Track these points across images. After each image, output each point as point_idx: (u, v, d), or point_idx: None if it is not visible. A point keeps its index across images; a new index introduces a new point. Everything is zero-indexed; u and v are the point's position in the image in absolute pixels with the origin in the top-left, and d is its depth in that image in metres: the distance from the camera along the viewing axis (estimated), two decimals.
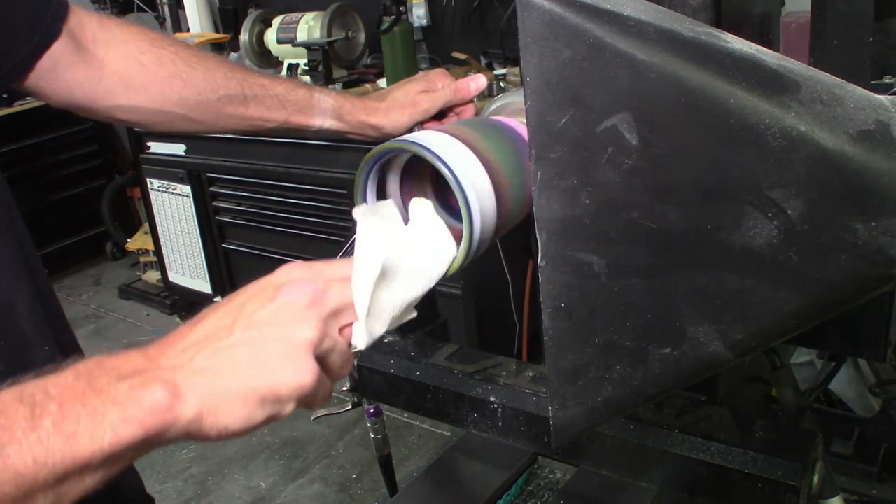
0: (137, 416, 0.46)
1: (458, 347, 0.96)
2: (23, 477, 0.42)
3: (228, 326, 0.51)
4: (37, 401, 0.44)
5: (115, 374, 0.47)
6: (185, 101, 0.88)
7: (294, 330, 0.51)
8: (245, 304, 0.53)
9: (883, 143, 0.44)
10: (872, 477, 1.39)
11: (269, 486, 2.40)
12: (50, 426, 0.43)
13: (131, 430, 0.45)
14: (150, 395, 0.46)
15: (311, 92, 0.93)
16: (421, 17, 2.80)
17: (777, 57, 0.47)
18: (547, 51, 0.46)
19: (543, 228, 0.50)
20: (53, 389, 0.45)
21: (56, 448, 0.43)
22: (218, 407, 0.49)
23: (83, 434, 0.44)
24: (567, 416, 0.54)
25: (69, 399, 0.44)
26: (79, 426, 0.44)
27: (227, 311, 0.53)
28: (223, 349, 0.50)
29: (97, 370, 0.47)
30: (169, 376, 0.48)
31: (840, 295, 0.46)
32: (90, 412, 0.44)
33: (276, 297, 0.52)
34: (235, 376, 0.49)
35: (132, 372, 0.48)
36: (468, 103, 0.91)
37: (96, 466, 0.45)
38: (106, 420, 0.45)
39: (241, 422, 0.50)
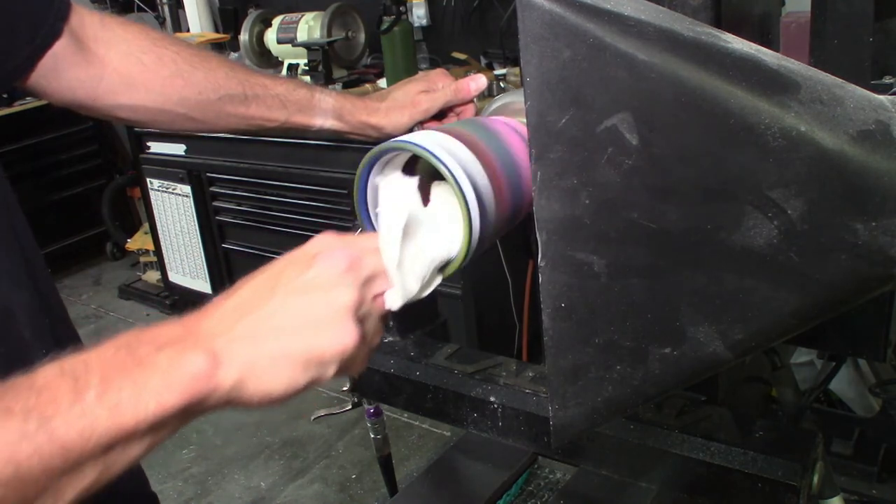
0: (179, 383, 0.46)
1: (458, 347, 0.96)
2: (69, 450, 0.43)
3: (269, 291, 0.52)
4: (78, 374, 0.44)
5: (154, 344, 0.47)
6: (186, 101, 0.88)
7: (335, 294, 0.52)
8: (282, 271, 0.53)
9: (883, 143, 0.44)
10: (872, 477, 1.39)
11: (269, 486, 2.40)
12: (93, 398, 0.44)
13: (174, 398, 0.46)
14: (191, 363, 0.47)
15: (311, 92, 0.93)
16: (421, 17, 2.80)
17: (777, 57, 0.47)
18: (547, 51, 0.46)
19: (543, 228, 0.50)
20: (94, 362, 0.45)
21: (101, 419, 0.44)
22: (261, 372, 0.49)
23: (126, 404, 0.44)
24: (567, 416, 0.54)
25: (110, 370, 0.45)
26: (122, 396, 0.44)
27: (265, 279, 0.53)
28: (265, 315, 0.51)
29: (136, 341, 0.47)
30: (208, 344, 0.48)
31: (840, 295, 0.46)
32: (132, 382, 0.45)
33: (314, 264, 0.53)
34: (279, 340, 0.50)
35: (171, 341, 0.48)
36: (468, 103, 0.91)
37: (141, 435, 0.46)
38: (148, 389, 0.45)
39: (285, 386, 0.50)
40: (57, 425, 0.42)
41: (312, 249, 0.55)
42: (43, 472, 0.42)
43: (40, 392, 0.43)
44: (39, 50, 0.79)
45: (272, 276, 0.53)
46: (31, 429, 0.42)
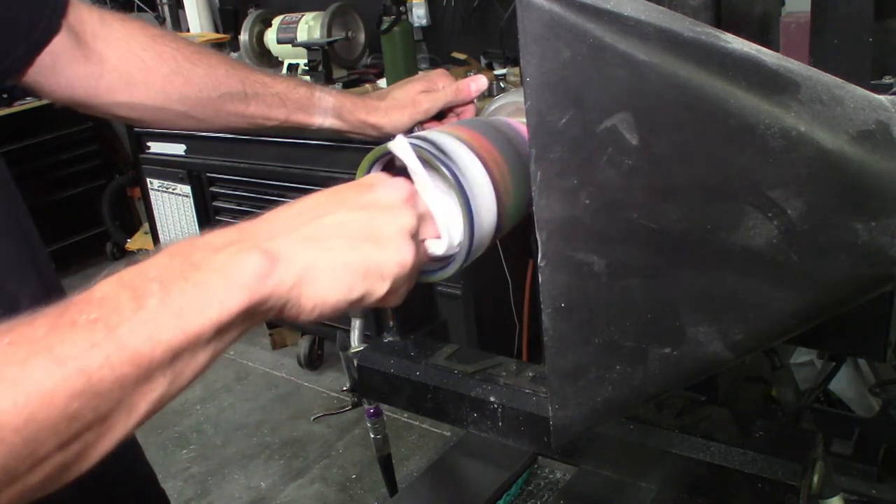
0: (240, 283, 0.45)
1: (458, 347, 0.96)
2: (140, 356, 0.42)
3: (333, 205, 0.53)
4: (137, 283, 0.43)
5: (210, 248, 0.47)
6: (185, 99, 0.87)
7: (398, 214, 0.54)
8: (344, 192, 0.54)
9: (883, 143, 0.44)
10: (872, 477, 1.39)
11: (269, 486, 2.40)
12: (156, 304, 0.43)
13: (238, 298, 0.45)
14: (250, 262, 0.46)
15: (311, 90, 0.93)
16: (421, 17, 2.80)
17: (777, 57, 0.47)
18: (547, 51, 0.46)
19: (543, 228, 0.50)
20: (151, 271, 0.44)
21: (167, 324, 0.43)
22: (320, 275, 0.49)
23: (191, 308, 0.44)
24: (567, 416, 0.54)
25: (169, 277, 0.44)
26: (185, 300, 0.43)
27: (326, 196, 0.54)
28: (328, 224, 0.51)
29: (190, 248, 0.47)
30: (267, 244, 0.48)
31: (840, 295, 0.46)
32: (193, 285, 0.44)
33: (374, 190, 0.55)
34: (341, 247, 0.50)
35: (227, 243, 0.47)
36: (468, 104, 0.91)
37: (207, 339, 0.45)
38: (211, 291, 0.44)
39: (341, 293, 0.50)
40: (123, 332, 0.41)
41: (369, 180, 0.57)
42: (115, 382, 0.41)
43: (101, 303, 0.42)
44: (37, 46, 0.78)
45: (334, 193, 0.54)
46: (98, 338, 0.41)
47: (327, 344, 3.02)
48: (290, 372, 3.02)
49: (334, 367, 2.97)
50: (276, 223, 0.51)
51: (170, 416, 2.81)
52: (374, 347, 0.99)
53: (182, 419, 2.80)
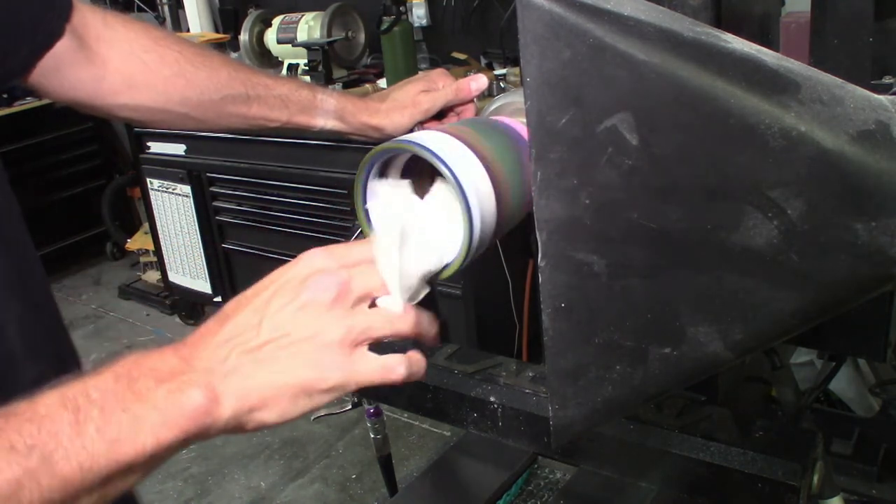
0: (178, 420, 0.47)
1: (458, 347, 0.96)
2: (69, 482, 0.44)
3: (256, 326, 0.52)
4: (80, 405, 0.45)
5: (153, 377, 0.48)
6: (187, 101, 0.88)
7: (320, 331, 0.52)
8: (270, 301, 0.53)
9: (883, 143, 0.44)
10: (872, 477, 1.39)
11: (269, 486, 2.40)
12: (94, 432, 0.45)
13: (172, 434, 0.47)
14: (189, 400, 0.48)
15: (313, 92, 0.93)
16: (421, 17, 2.80)
17: (777, 57, 0.47)
18: (547, 51, 0.46)
19: (543, 228, 0.50)
20: (94, 393, 0.46)
21: (100, 453, 0.45)
22: (255, 404, 0.51)
23: (126, 440, 0.46)
24: (567, 416, 0.54)
25: (110, 404, 0.46)
26: (121, 432, 0.45)
27: (253, 310, 0.53)
28: (254, 350, 0.51)
29: (135, 371, 0.48)
30: (205, 379, 0.49)
31: (840, 295, 0.46)
32: (131, 418, 0.46)
33: (301, 292, 0.53)
34: (268, 376, 0.51)
35: (169, 374, 0.49)
36: (468, 103, 0.91)
37: (138, 468, 0.47)
38: (147, 425, 0.46)
39: (277, 417, 0.52)
40: (58, 460, 0.43)
41: (301, 273, 0.54)
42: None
43: (42, 424, 0.44)
44: (40, 49, 0.78)
45: (260, 305, 0.53)
46: (33, 466, 0.43)
47: None
48: None
49: None
50: (210, 351, 0.51)
51: None
52: (374, 347, 0.99)
53: None
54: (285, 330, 0.52)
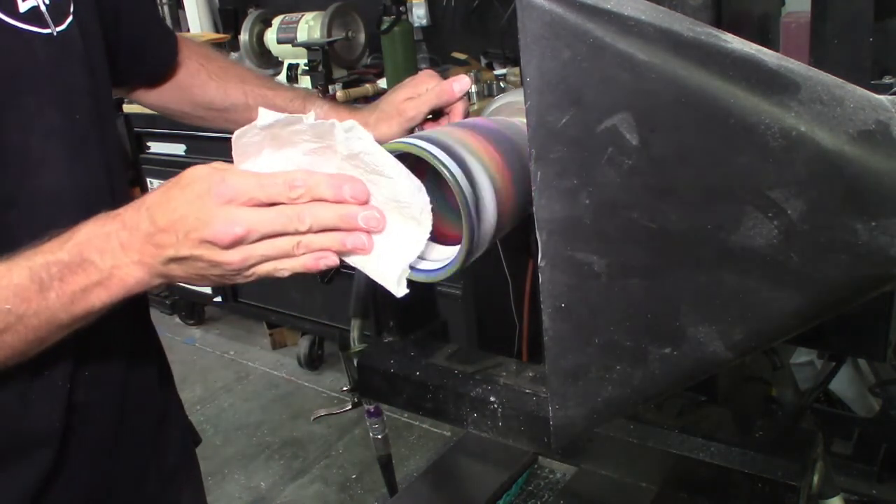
0: (117, 290, 0.63)
1: (458, 347, 0.96)
2: (37, 329, 0.63)
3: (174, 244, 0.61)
4: (43, 279, 0.61)
5: (98, 258, 0.62)
6: (198, 107, 1.04)
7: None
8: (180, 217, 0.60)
9: (883, 143, 0.44)
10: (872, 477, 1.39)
11: (269, 486, 2.40)
12: (54, 298, 0.62)
13: (112, 295, 0.64)
14: (127, 282, 0.63)
15: (305, 104, 0.98)
16: (421, 17, 2.80)
17: (777, 57, 0.47)
18: (547, 51, 0.46)
19: (543, 228, 0.50)
20: (54, 268, 0.62)
21: (60, 309, 0.63)
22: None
23: (79, 302, 0.63)
24: (567, 416, 0.54)
25: (65, 278, 0.62)
26: (75, 296, 0.62)
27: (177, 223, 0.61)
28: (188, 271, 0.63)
29: (85, 249, 0.62)
30: (140, 272, 0.63)
31: (840, 295, 0.46)
32: (83, 288, 0.62)
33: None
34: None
35: (109, 258, 0.62)
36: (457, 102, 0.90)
37: (90, 316, 0.65)
38: (94, 294, 0.63)
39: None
40: (29, 316, 0.62)
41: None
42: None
43: (16, 293, 0.61)
44: (154, 79, 1.01)
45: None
46: (10, 321, 0.62)
47: (327, 344, 3.02)
48: (290, 372, 3.02)
49: (334, 367, 2.97)
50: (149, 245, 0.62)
51: None
52: (374, 347, 0.99)
53: None
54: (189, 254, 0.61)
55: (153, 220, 0.61)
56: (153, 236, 0.61)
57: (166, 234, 0.60)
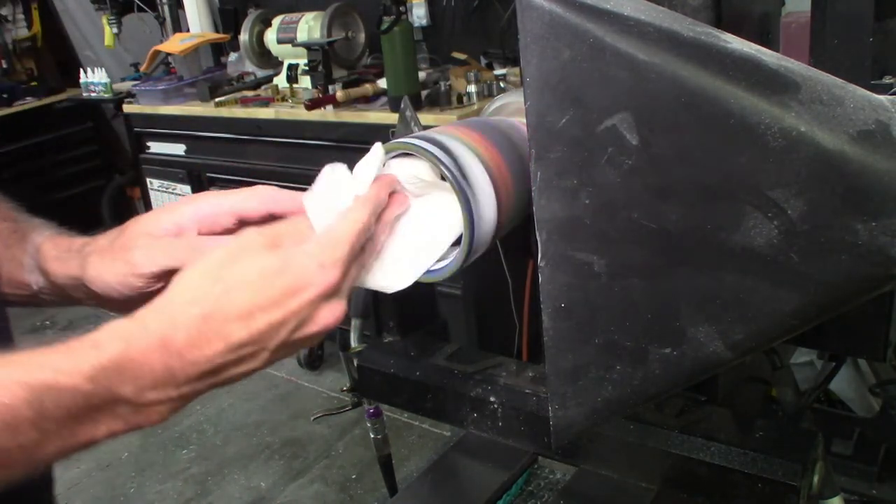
0: (136, 426, 0.50)
1: (458, 347, 0.96)
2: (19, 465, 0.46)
3: (252, 358, 0.52)
4: (45, 408, 0.45)
5: (132, 390, 0.48)
6: None
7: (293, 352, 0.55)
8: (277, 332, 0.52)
9: (883, 143, 0.44)
10: (872, 477, 1.39)
11: (269, 486, 2.40)
12: (54, 428, 0.46)
13: (126, 431, 0.50)
14: (155, 419, 0.50)
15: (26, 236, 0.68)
16: (421, 17, 2.80)
17: (777, 57, 0.47)
18: (547, 51, 0.46)
19: (543, 228, 0.50)
20: (67, 397, 0.46)
21: (53, 445, 0.47)
22: None
23: (82, 433, 0.48)
24: (567, 416, 0.54)
25: (78, 412, 0.47)
26: (79, 431, 0.48)
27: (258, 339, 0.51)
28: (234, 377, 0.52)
29: (116, 381, 0.48)
30: (180, 399, 0.51)
31: (840, 295, 0.46)
32: (94, 423, 0.48)
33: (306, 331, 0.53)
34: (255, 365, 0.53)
35: (151, 386, 0.49)
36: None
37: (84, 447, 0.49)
38: (106, 427, 0.49)
39: None
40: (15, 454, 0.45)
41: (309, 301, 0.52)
42: None
43: (3, 417, 0.44)
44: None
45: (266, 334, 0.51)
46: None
47: (327, 344, 3.01)
48: (290, 372, 3.01)
49: (334, 367, 2.96)
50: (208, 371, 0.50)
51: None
52: (374, 347, 0.99)
53: (182, 419, 2.80)
54: (283, 355, 0.53)
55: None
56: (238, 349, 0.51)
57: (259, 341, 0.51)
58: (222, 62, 3.34)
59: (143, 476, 2.53)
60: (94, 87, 3.60)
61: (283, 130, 2.58)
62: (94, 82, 3.59)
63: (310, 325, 0.52)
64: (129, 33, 3.48)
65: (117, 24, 3.33)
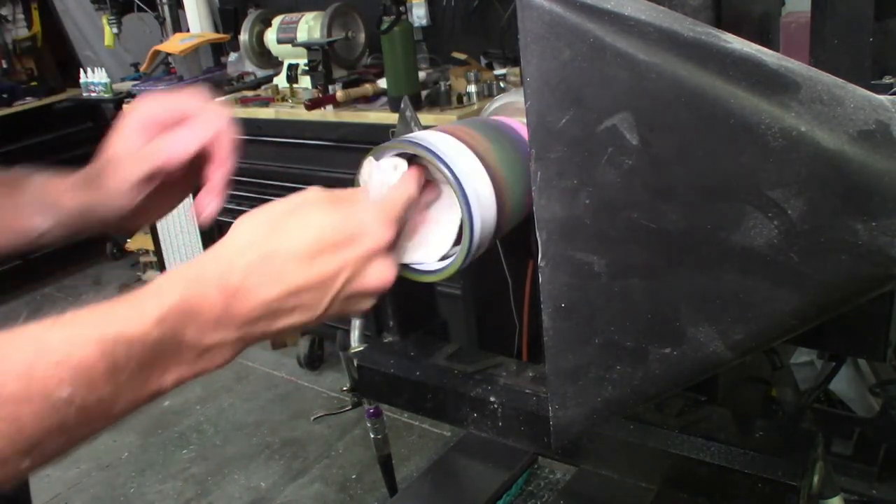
0: (202, 371, 0.51)
1: (458, 347, 0.96)
2: (96, 420, 0.47)
3: (314, 307, 0.53)
4: (117, 358, 0.46)
5: (196, 332, 0.49)
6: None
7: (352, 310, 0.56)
8: (335, 281, 0.53)
9: (883, 143, 0.44)
10: (872, 477, 1.39)
11: (269, 486, 2.40)
12: (126, 379, 0.47)
13: (190, 376, 0.51)
14: (219, 363, 0.52)
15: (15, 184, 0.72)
16: (421, 17, 2.80)
17: (777, 57, 0.47)
18: (547, 51, 0.46)
19: (543, 228, 0.50)
20: (136, 346, 0.47)
21: (126, 397, 0.47)
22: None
23: (153, 381, 0.49)
24: (567, 416, 0.54)
25: (148, 359, 0.48)
26: (151, 378, 0.48)
27: (321, 288, 0.53)
28: (295, 325, 0.54)
29: (180, 322, 0.49)
30: (242, 340, 0.52)
31: (840, 295, 0.46)
32: (163, 369, 0.49)
33: (365, 282, 0.54)
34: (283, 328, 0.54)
35: (213, 327, 0.50)
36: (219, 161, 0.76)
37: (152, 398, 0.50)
38: (175, 373, 0.50)
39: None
40: (90, 406, 0.45)
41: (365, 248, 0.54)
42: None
43: (76, 371, 0.45)
44: None
45: (327, 283, 0.53)
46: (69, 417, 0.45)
47: (327, 344, 3.01)
48: (290, 372, 3.01)
49: (334, 367, 2.96)
50: (268, 315, 0.52)
51: (170, 416, 2.81)
52: (374, 347, 0.99)
53: (182, 419, 2.80)
54: (336, 311, 0.54)
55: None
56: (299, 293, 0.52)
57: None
58: (222, 62, 3.34)
59: (143, 476, 2.53)
60: (94, 87, 3.60)
61: (283, 130, 2.58)
62: (94, 82, 3.59)
63: (362, 281, 0.54)
64: (129, 33, 3.48)
65: (117, 24, 3.33)
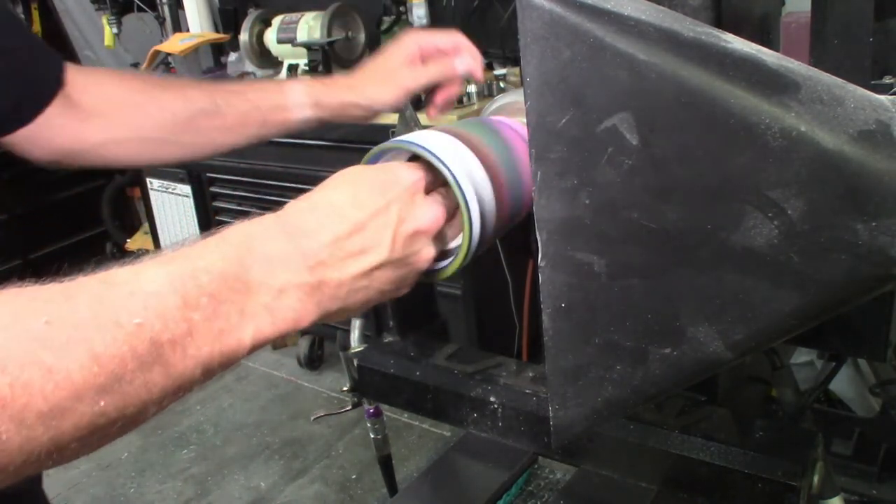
0: (280, 323, 0.49)
1: (458, 347, 0.96)
2: (172, 366, 0.43)
3: (383, 246, 0.54)
4: (188, 289, 0.44)
5: (265, 268, 0.48)
6: (163, 125, 0.88)
7: (418, 263, 0.58)
8: (393, 217, 0.55)
9: (883, 143, 0.44)
10: (872, 477, 1.39)
11: (269, 486, 2.40)
12: (201, 320, 0.44)
13: (271, 332, 0.48)
14: (297, 314, 0.50)
15: (280, 85, 0.92)
16: (421, 17, 2.80)
17: (777, 57, 0.47)
18: (547, 51, 0.46)
19: (543, 228, 0.50)
20: (204, 277, 0.45)
21: (205, 342, 0.44)
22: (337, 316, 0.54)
23: (230, 331, 0.46)
24: (567, 416, 0.54)
25: (219, 292, 0.45)
26: (228, 323, 0.46)
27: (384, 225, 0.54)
28: (369, 273, 0.54)
29: (247, 257, 0.48)
30: (315, 286, 0.50)
31: (840, 295, 0.46)
32: (238, 311, 0.46)
33: (416, 216, 0.56)
34: (363, 299, 0.55)
35: (282, 265, 0.49)
36: (455, 82, 0.87)
37: (231, 361, 0.47)
38: (252, 321, 0.47)
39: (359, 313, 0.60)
40: (164, 342, 0.42)
41: (406, 186, 0.57)
42: (144, 388, 0.42)
43: (147, 301, 0.42)
44: (38, 108, 0.81)
45: (389, 222, 0.55)
46: (140, 347, 0.41)
47: (327, 344, 3.02)
48: (290, 372, 3.01)
49: (334, 367, 2.97)
50: (339, 258, 0.52)
51: (170, 416, 2.81)
52: (374, 347, 0.99)
53: (182, 419, 2.80)
54: (401, 254, 0.55)
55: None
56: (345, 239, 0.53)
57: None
58: (222, 62, 3.34)
59: (143, 476, 2.53)
60: None
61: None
62: None
63: (414, 216, 0.56)
64: (129, 33, 3.47)
65: (117, 24, 3.33)
